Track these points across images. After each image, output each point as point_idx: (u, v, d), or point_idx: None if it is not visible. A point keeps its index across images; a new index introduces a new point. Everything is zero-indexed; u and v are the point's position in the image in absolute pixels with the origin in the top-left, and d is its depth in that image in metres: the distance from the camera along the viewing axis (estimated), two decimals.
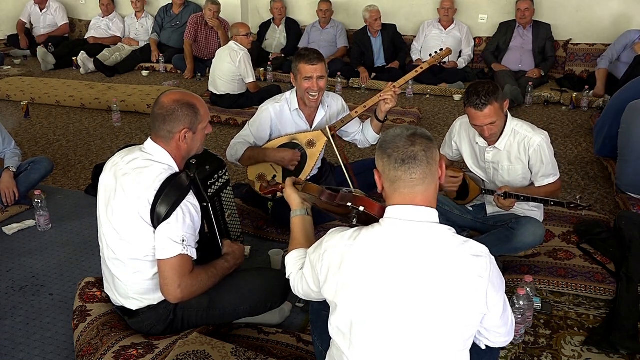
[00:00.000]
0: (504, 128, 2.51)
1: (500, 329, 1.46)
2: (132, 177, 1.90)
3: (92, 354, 1.96)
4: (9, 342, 2.20)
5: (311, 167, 2.89)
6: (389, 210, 1.44)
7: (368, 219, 1.61)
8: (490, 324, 1.43)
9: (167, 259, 1.85)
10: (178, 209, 1.85)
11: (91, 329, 2.08)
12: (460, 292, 1.33)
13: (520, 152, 2.51)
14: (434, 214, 1.43)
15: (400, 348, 1.36)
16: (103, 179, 2.02)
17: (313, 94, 2.77)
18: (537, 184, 2.55)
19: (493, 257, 1.40)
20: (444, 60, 2.99)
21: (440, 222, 1.44)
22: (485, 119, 2.39)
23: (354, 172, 2.92)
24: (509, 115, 2.53)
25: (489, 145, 2.57)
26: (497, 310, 1.41)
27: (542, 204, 2.70)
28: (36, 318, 2.34)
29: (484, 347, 1.51)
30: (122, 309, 2.08)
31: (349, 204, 1.66)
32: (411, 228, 1.39)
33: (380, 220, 1.44)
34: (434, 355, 1.36)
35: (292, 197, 1.88)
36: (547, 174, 2.52)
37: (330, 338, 1.50)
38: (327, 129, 2.88)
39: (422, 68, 2.98)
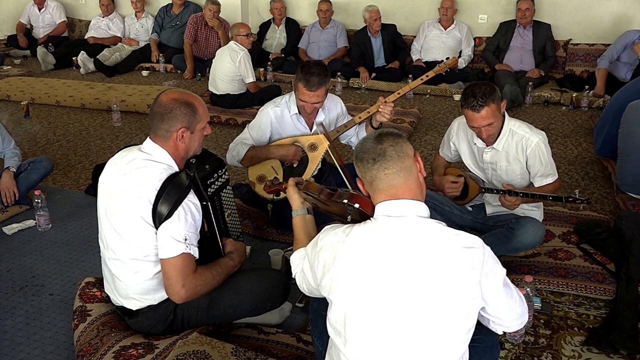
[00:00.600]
0: (501, 128, 2.51)
1: (510, 314, 1.47)
2: (132, 177, 1.90)
3: (92, 354, 1.96)
4: (9, 342, 2.20)
5: (312, 170, 2.88)
6: (378, 208, 1.47)
7: (362, 217, 1.62)
8: (497, 313, 1.44)
9: (170, 258, 1.85)
10: (179, 208, 1.85)
11: (91, 329, 2.08)
12: (453, 285, 1.34)
13: (518, 152, 2.51)
14: (421, 207, 1.45)
15: (394, 343, 1.36)
16: (103, 179, 2.02)
17: (306, 112, 2.81)
18: (536, 184, 2.54)
19: (488, 247, 1.41)
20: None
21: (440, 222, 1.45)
22: (482, 121, 2.39)
23: (351, 175, 2.92)
24: (507, 115, 2.53)
25: (487, 145, 2.57)
26: (498, 299, 1.42)
27: (541, 204, 2.70)
28: (36, 318, 2.34)
29: (501, 333, 1.53)
30: (122, 309, 2.08)
31: (345, 201, 1.68)
32: (401, 223, 1.41)
33: (371, 219, 1.47)
34: (429, 349, 1.36)
35: (294, 196, 1.91)
36: (546, 173, 2.52)
37: (329, 338, 1.50)
38: (325, 136, 2.87)
39: (427, 76, 2.98)
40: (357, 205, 1.64)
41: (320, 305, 1.76)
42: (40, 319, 2.33)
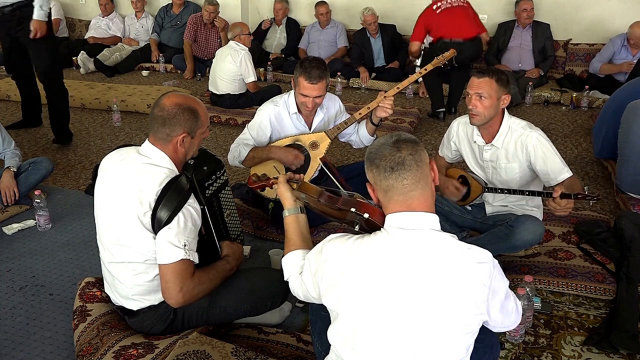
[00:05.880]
0: (500, 125, 2.51)
1: (503, 323, 1.47)
2: (132, 181, 1.89)
3: (92, 354, 1.96)
4: (9, 342, 2.20)
5: (314, 169, 2.88)
6: (389, 219, 1.42)
7: (370, 226, 1.58)
8: (492, 321, 1.43)
9: (169, 264, 1.83)
10: (179, 214, 1.83)
11: (91, 329, 2.08)
12: (465, 300, 1.33)
13: (517, 149, 2.50)
14: (434, 219, 1.41)
15: (403, 355, 1.35)
16: (101, 182, 2.00)
17: (308, 108, 2.79)
18: (555, 184, 2.44)
19: (496, 260, 1.40)
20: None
21: (440, 223, 1.43)
22: (474, 86, 2.44)
23: (353, 174, 2.92)
24: (506, 112, 2.53)
25: (487, 143, 2.57)
26: (497, 312, 1.41)
27: (541, 204, 2.70)
28: (36, 318, 2.34)
29: (493, 329, 1.51)
30: (122, 309, 2.08)
31: (353, 209, 1.60)
32: (414, 237, 1.37)
33: (382, 229, 1.42)
34: None
35: (286, 195, 1.83)
36: (558, 169, 2.41)
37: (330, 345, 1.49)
38: (329, 132, 2.87)
39: (426, 69, 2.97)
40: (366, 215, 1.56)
41: (320, 306, 1.75)
42: (40, 319, 2.33)
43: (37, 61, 4.07)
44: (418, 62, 5.33)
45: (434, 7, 4.87)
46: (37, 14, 3.81)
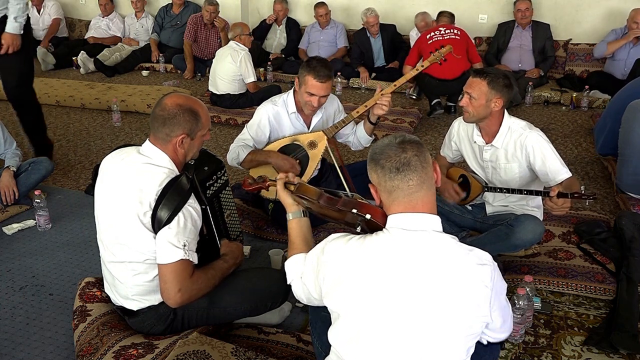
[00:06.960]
0: (500, 126, 2.51)
1: (501, 328, 1.46)
2: (132, 181, 1.89)
3: (92, 354, 1.96)
4: (9, 342, 2.20)
5: (313, 168, 2.88)
6: (391, 219, 1.41)
7: (371, 227, 1.57)
8: (493, 326, 1.43)
9: (168, 264, 1.83)
10: (179, 214, 1.83)
11: (91, 329, 2.08)
12: (467, 302, 1.33)
13: (516, 149, 2.50)
14: (436, 221, 1.41)
15: (406, 356, 1.35)
16: (101, 182, 2.00)
17: (313, 107, 2.79)
18: (554, 184, 2.43)
19: (496, 264, 1.40)
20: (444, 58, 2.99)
21: (441, 224, 1.43)
22: (467, 86, 2.46)
23: (353, 174, 2.92)
24: (506, 113, 2.53)
25: (487, 143, 2.57)
26: (499, 314, 1.41)
27: (542, 204, 2.70)
28: (36, 318, 2.34)
29: (485, 343, 1.51)
30: (122, 309, 2.08)
31: (354, 210, 1.59)
32: (416, 238, 1.37)
33: (384, 230, 1.42)
34: None
35: (287, 200, 1.82)
36: (559, 168, 2.40)
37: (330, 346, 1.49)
38: (327, 131, 2.88)
39: (423, 66, 2.97)
40: (368, 216, 1.55)
41: (320, 306, 1.76)
42: (40, 319, 2.33)
43: (7, 77, 3.66)
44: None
45: (427, 35, 5.03)
46: (10, 27, 3.42)
